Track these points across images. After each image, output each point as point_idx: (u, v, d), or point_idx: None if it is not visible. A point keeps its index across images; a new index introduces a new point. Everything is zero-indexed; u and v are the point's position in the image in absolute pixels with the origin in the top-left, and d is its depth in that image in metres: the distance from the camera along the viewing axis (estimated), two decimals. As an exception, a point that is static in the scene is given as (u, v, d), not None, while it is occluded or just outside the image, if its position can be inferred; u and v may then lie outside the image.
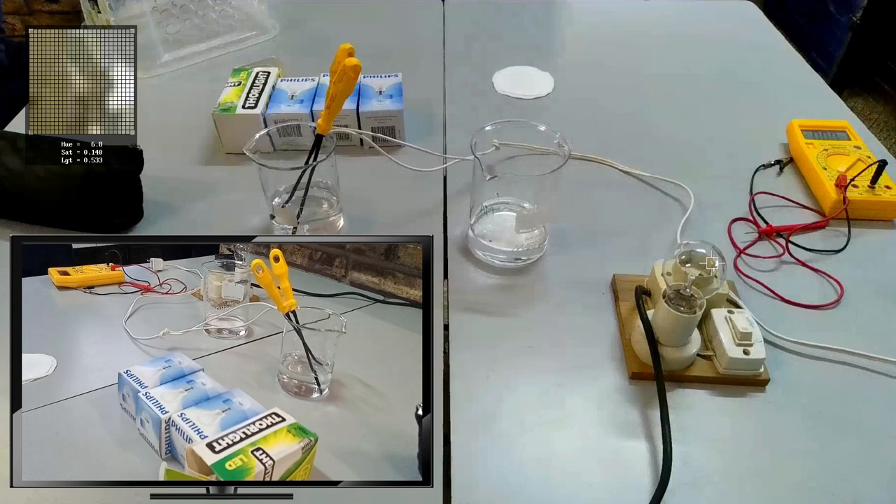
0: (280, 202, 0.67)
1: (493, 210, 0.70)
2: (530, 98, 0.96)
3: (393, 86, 0.85)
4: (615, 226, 0.73)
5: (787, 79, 1.02)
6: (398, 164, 0.76)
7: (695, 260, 0.56)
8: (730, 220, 0.73)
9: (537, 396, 0.55)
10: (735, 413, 0.54)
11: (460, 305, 0.63)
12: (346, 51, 0.62)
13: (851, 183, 0.72)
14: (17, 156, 0.68)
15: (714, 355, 0.56)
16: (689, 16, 1.21)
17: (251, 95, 0.83)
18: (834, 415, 0.54)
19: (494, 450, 0.51)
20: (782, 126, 0.86)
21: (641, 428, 0.53)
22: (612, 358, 0.58)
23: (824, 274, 0.67)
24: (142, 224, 0.72)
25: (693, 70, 1.03)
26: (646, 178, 0.79)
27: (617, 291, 0.64)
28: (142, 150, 0.70)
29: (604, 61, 1.06)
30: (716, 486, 0.49)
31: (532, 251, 0.67)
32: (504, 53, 1.06)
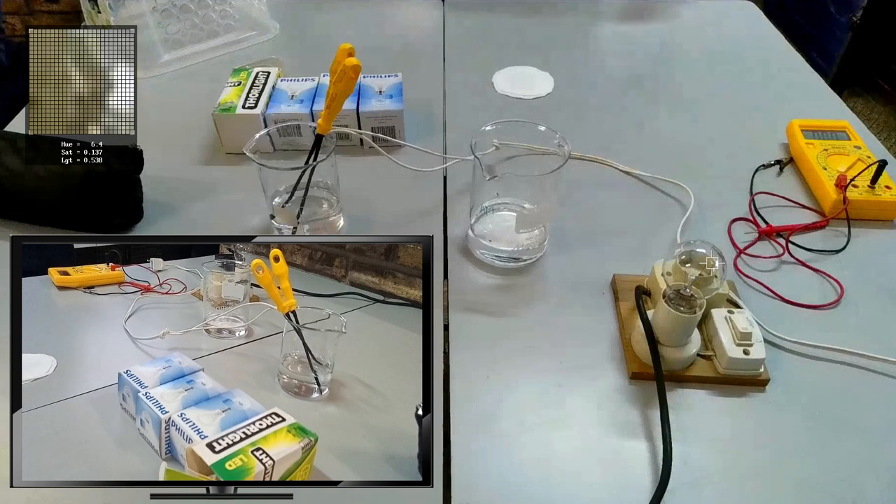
0: (280, 202, 0.67)
1: (493, 210, 0.70)
2: (530, 98, 0.96)
3: (393, 86, 0.85)
4: (615, 226, 0.73)
5: (787, 79, 1.02)
6: (398, 164, 0.76)
7: (695, 260, 0.56)
8: (730, 220, 0.73)
9: (537, 396, 0.55)
10: (735, 413, 0.54)
11: (460, 305, 0.63)
12: (346, 51, 0.62)
13: (851, 183, 0.72)
14: (17, 156, 0.68)
15: (714, 355, 0.56)
16: (689, 16, 1.21)
17: (251, 95, 0.83)
18: (834, 415, 0.54)
19: (494, 450, 0.51)
20: (782, 126, 0.86)
21: (641, 428, 0.53)
22: (612, 358, 0.58)
23: (824, 274, 0.67)
24: (142, 224, 0.72)
25: (693, 70, 1.04)
26: (646, 178, 0.79)
27: (617, 291, 0.64)
28: (142, 150, 0.70)
29: (604, 61, 1.06)
30: (716, 486, 0.49)
31: (532, 251, 0.67)
32: (504, 53, 1.06)
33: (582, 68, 1.04)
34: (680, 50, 1.09)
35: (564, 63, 1.04)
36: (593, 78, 1.02)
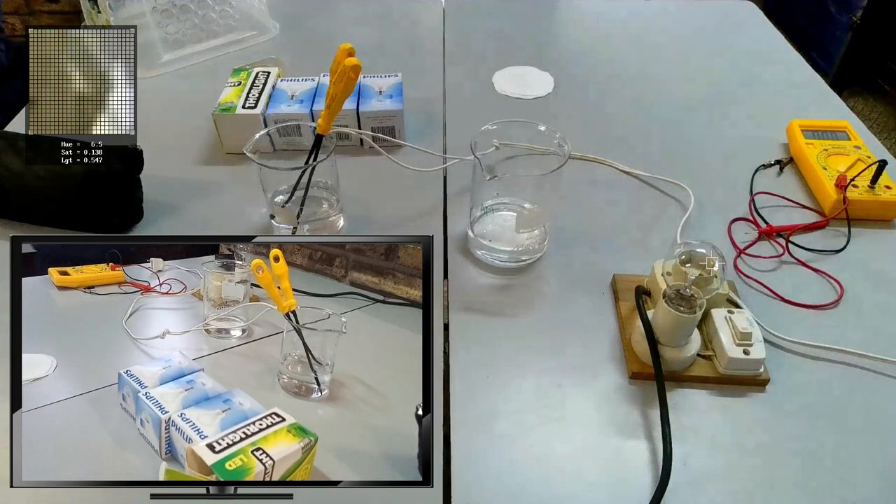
0: (280, 202, 0.67)
1: (493, 210, 0.70)
2: (530, 98, 0.96)
3: (393, 86, 0.85)
4: (615, 226, 0.73)
5: (787, 79, 1.02)
6: (398, 164, 0.76)
7: (695, 260, 0.56)
8: (730, 220, 0.73)
9: (537, 396, 0.55)
10: (735, 413, 0.54)
11: (460, 305, 0.63)
12: (346, 51, 0.62)
13: (851, 183, 0.72)
14: (17, 156, 0.68)
15: (714, 355, 0.56)
16: (689, 16, 1.21)
17: (251, 95, 0.83)
18: (834, 415, 0.54)
19: (494, 450, 0.51)
20: (782, 126, 0.86)
21: (641, 428, 0.53)
22: (612, 358, 0.58)
23: (824, 274, 0.67)
24: (142, 224, 0.72)
25: (693, 70, 1.04)
26: (646, 178, 0.79)
27: (617, 291, 0.64)
28: (142, 150, 0.70)
29: (604, 61, 1.06)
30: (716, 486, 0.49)
31: (532, 251, 0.67)
32: (504, 53, 1.06)
33: (582, 68, 1.04)
34: (680, 50, 1.09)
35: (564, 63, 1.04)
36: (593, 78, 1.02)
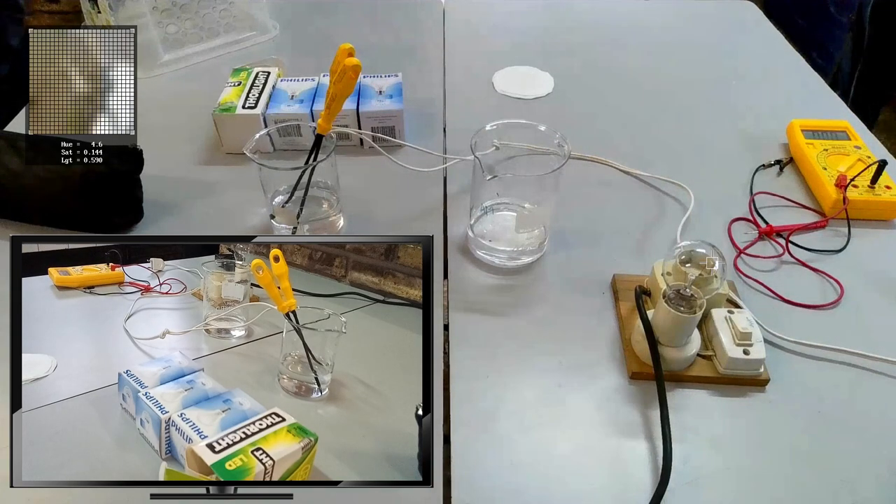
0: (280, 202, 0.67)
1: (493, 210, 0.70)
2: (530, 98, 0.96)
3: (393, 86, 0.85)
4: (615, 226, 0.73)
5: (787, 79, 1.02)
6: (398, 164, 0.76)
7: (695, 260, 0.56)
8: (730, 220, 0.73)
9: (537, 396, 0.55)
10: (735, 413, 0.54)
11: (460, 305, 0.63)
12: (346, 51, 0.62)
13: (851, 183, 0.72)
14: (17, 156, 0.68)
15: (714, 355, 0.56)
16: (689, 16, 1.21)
17: (251, 95, 0.83)
18: (834, 415, 0.54)
19: (494, 450, 0.51)
20: (782, 126, 0.86)
21: (641, 428, 0.53)
22: (612, 358, 0.58)
23: (824, 274, 0.67)
24: (142, 224, 0.72)
25: (693, 70, 1.03)
26: (646, 178, 0.79)
27: (617, 291, 0.64)
28: (142, 150, 0.70)
29: (604, 61, 1.06)
30: (716, 486, 0.49)
31: (532, 251, 0.67)
32: (504, 53, 1.06)
33: (582, 68, 1.04)
34: (680, 50, 1.09)
35: (564, 63, 1.04)
36: (593, 78, 1.02)
